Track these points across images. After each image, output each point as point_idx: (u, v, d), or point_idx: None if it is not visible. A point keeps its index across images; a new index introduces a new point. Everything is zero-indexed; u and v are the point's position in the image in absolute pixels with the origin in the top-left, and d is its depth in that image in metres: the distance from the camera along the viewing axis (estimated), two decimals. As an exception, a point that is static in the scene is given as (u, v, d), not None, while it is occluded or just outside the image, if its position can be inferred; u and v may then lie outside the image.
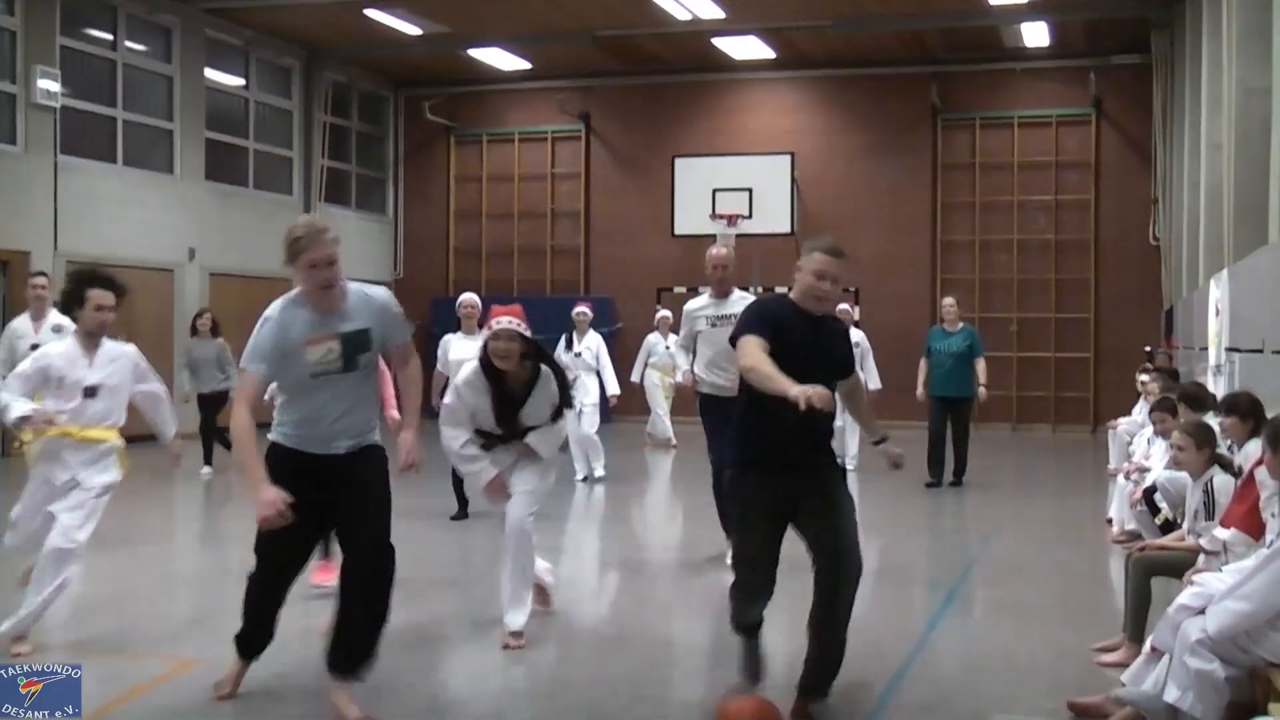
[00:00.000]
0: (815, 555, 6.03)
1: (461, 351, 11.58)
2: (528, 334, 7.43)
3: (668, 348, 18.39)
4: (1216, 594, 5.71)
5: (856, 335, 14.90)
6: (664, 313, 19.80)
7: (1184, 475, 8.31)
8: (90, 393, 7.50)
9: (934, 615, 8.45)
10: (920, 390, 15.77)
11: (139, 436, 8.01)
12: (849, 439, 15.72)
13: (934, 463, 15.16)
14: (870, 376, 15.87)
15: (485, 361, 7.48)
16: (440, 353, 12.62)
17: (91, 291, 7.48)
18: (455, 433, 7.61)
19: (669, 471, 18.01)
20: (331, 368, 6.12)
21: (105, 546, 11.14)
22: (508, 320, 7.41)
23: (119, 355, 7.69)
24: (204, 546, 12.24)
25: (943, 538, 12.42)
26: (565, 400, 7.74)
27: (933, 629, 8.06)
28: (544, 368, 7.59)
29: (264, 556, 6.43)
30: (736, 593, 6.25)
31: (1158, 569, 7.25)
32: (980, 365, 15.38)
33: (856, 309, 23.50)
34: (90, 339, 7.56)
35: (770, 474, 6.04)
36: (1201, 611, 5.69)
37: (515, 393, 7.54)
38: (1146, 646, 6.15)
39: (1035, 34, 22.70)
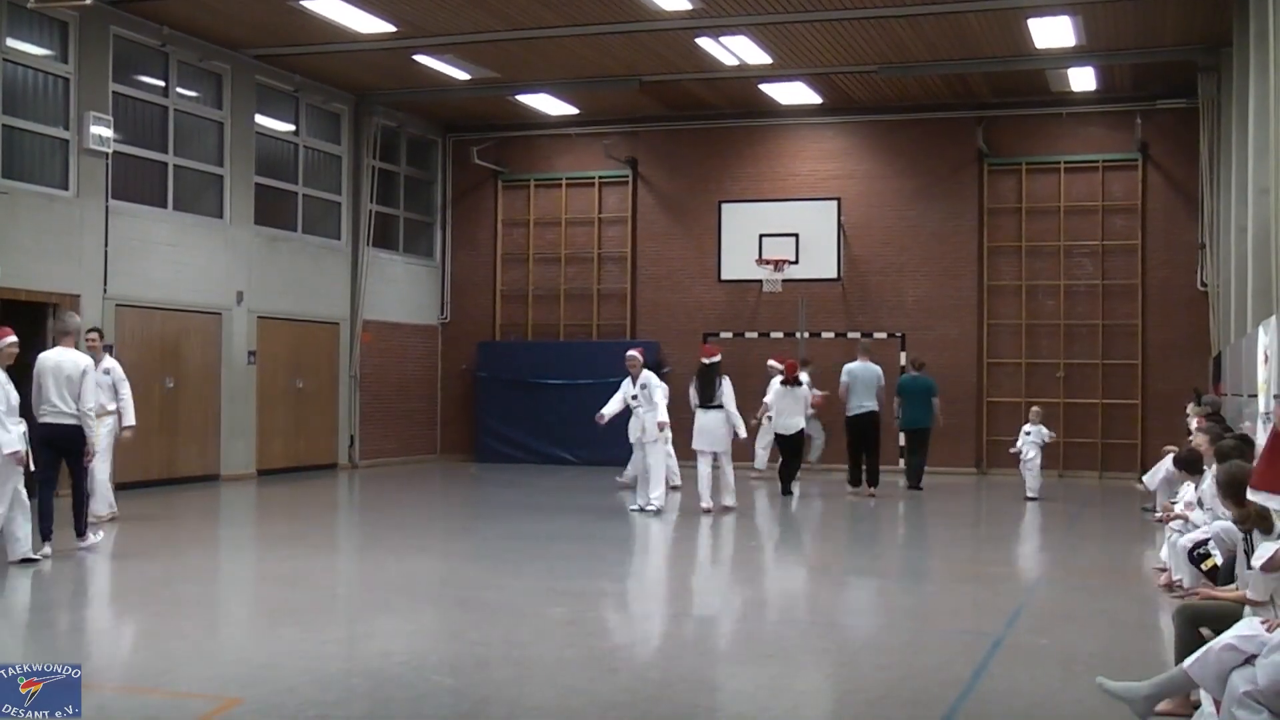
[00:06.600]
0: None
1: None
2: None
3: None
4: (1267, 644, 5.63)
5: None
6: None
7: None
8: None
9: (980, 663, 8.38)
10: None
11: (189, 478, 8.08)
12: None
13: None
14: None
15: None
16: None
17: None
18: None
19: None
20: None
21: (151, 586, 11.24)
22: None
23: None
24: (250, 586, 12.29)
25: (989, 584, 12.33)
26: None
27: (979, 677, 7.99)
28: None
29: None
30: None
31: (1204, 620, 6.91)
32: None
33: (902, 354, 23.59)
34: None
35: None
36: (1250, 661, 5.62)
37: None
38: (1197, 696, 6.07)
39: (1081, 78, 22.67)
